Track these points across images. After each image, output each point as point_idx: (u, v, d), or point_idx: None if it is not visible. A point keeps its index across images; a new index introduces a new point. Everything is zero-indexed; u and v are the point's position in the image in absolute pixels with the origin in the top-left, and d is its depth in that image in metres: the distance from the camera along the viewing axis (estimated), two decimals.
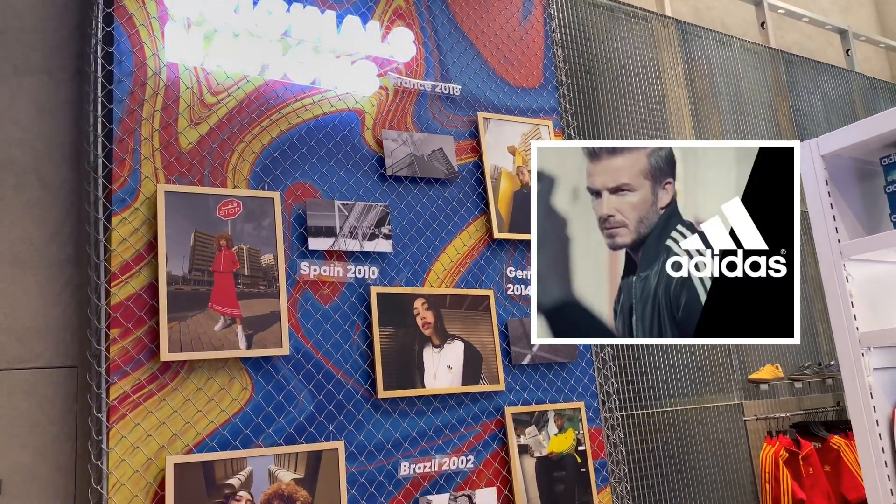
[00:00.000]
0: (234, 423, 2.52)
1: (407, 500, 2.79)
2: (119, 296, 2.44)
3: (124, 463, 2.32)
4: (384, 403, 2.84)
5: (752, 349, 4.31)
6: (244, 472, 2.46)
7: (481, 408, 3.06)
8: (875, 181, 3.03)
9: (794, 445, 3.98)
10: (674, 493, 3.67)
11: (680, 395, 3.86)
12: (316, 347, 2.75)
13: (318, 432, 2.67)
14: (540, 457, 3.13)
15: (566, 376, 3.32)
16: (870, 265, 2.90)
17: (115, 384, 2.36)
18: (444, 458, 2.91)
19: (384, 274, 2.98)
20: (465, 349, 3.06)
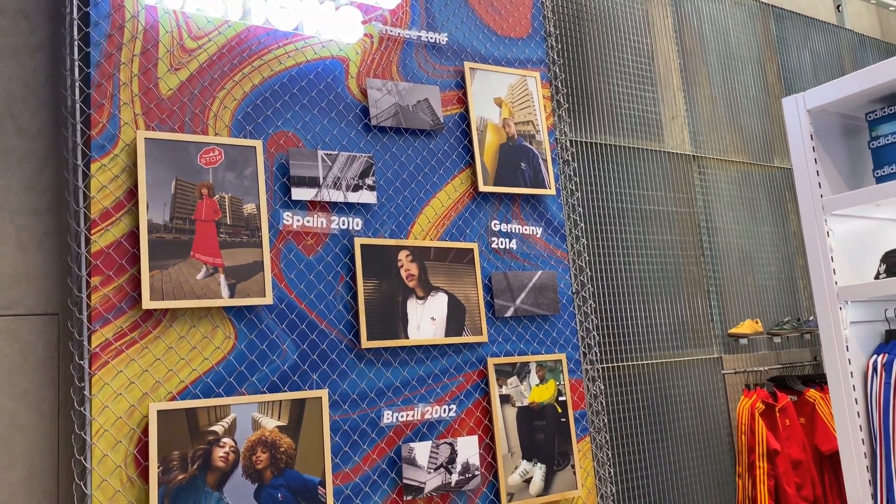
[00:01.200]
0: (218, 371, 2.54)
1: (390, 447, 2.83)
2: (100, 243, 2.42)
3: (107, 410, 2.33)
4: (368, 353, 2.86)
5: (734, 305, 4.37)
6: (228, 420, 2.48)
7: (464, 359, 3.09)
8: (860, 137, 3.04)
9: (770, 398, 4.07)
10: (652, 444, 3.75)
11: (660, 349, 3.92)
12: (299, 298, 2.75)
13: (301, 381, 2.69)
14: (521, 406, 3.17)
15: (548, 329, 3.35)
16: (851, 221, 2.92)
17: (96, 332, 2.36)
18: (427, 406, 2.95)
19: (368, 225, 2.97)
20: (448, 301, 3.08)
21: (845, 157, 2.98)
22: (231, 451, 2.46)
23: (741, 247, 4.53)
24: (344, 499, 2.68)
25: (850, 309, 2.75)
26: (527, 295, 3.31)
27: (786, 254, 4.77)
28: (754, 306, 4.48)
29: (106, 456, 2.29)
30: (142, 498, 2.32)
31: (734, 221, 4.54)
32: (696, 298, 4.16)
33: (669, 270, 4.10)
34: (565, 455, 3.22)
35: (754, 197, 4.70)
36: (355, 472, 2.73)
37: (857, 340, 2.74)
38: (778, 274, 4.69)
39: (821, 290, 2.78)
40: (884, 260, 2.70)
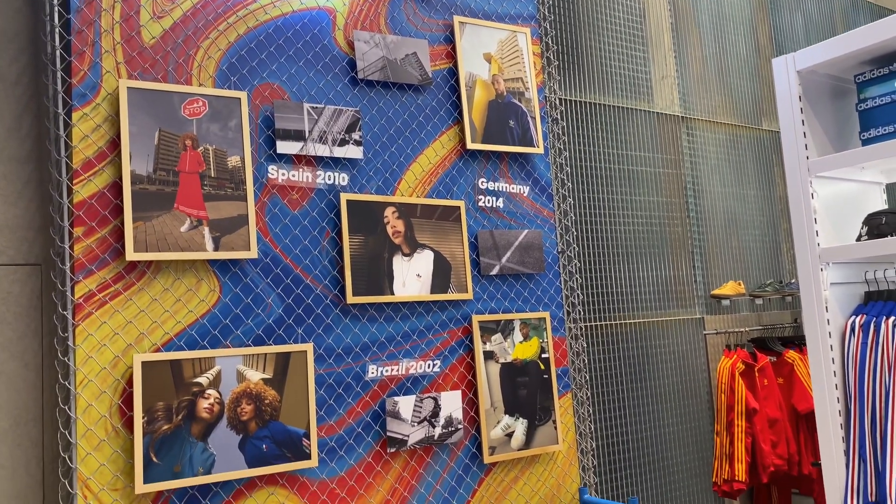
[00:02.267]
0: (202, 323, 2.54)
1: (374, 400, 2.86)
2: (82, 194, 2.39)
3: (91, 360, 2.33)
4: (353, 309, 2.87)
5: (717, 266, 4.41)
6: (212, 372, 2.49)
7: (449, 315, 3.11)
8: (848, 100, 3.03)
9: (750, 358, 4.13)
10: (633, 401, 3.81)
11: (644, 309, 3.96)
12: (284, 252, 2.74)
13: (286, 335, 2.70)
14: (504, 363, 3.21)
15: (533, 287, 3.37)
16: (835, 183, 2.94)
17: (80, 282, 2.35)
18: (412, 362, 2.98)
19: (354, 181, 2.95)
20: (434, 259, 3.08)
21: (833, 119, 2.98)
22: (216, 403, 2.48)
23: (727, 209, 4.55)
24: (328, 451, 2.72)
25: (830, 270, 2.78)
26: (512, 253, 3.32)
27: (771, 217, 4.80)
28: (737, 268, 4.53)
29: (90, 406, 2.31)
30: (126, 447, 2.34)
31: (720, 184, 4.55)
32: (680, 259, 4.19)
33: (654, 231, 4.12)
34: (547, 410, 3.27)
35: (741, 159, 4.71)
36: (340, 425, 2.76)
37: (837, 301, 2.78)
38: (762, 237, 4.72)
39: (803, 251, 2.81)
40: (866, 222, 2.73)
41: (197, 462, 2.41)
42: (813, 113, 2.92)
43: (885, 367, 2.57)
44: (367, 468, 2.79)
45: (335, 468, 2.73)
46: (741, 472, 3.85)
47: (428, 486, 2.93)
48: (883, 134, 2.72)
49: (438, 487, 2.95)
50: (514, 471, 3.17)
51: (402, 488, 2.87)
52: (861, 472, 2.60)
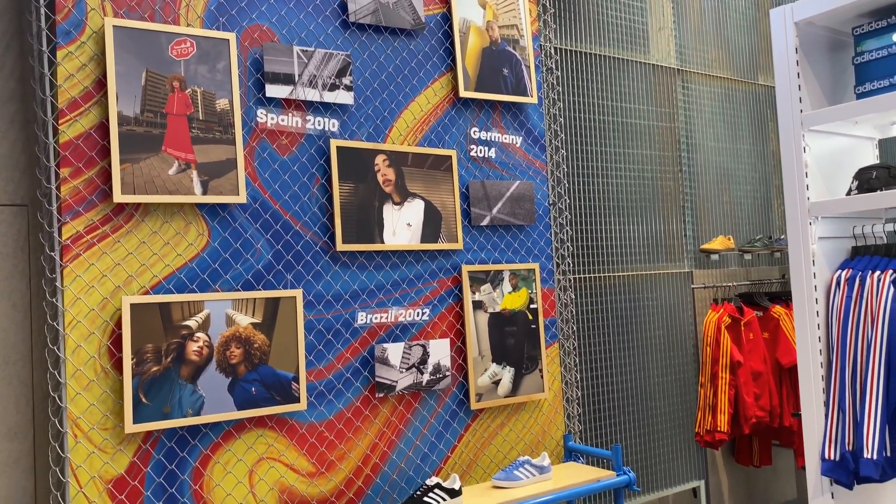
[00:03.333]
0: (191, 267, 2.54)
1: (363, 347, 2.88)
2: (68, 134, 2.36)
3: (80, 302, 2.33)
4: (343, 256, 2.87)
5: (708, 221, 4.42)
6: (201, 315, 2.50)
7: (439, 265, 3.11)
8: (844, 54, 3.00)
9: (737, 312, 4.17)
10: (619, 352, 3.86)
11: (633, 262, 3.97)
12: (273, 198, 2.73)
13: (275, 281, 2.70)
14: (493, 312, 3.23)
15: (523, 239, 3.38)
16: (828, 138, 2.93)
17: (67, 224, 2.34)
18: (401, 310, 2.99)
19: (345, 127, 2.92)
20: (425, 208, 3.08)
21: (829, 74, 2.96)
22: (205, 346, 2.49)
23: (719, 164, 4.54)
24: (317, 395, 2.75)
25: (819, 224, 2.79)
26: (503, 204, 3.31)
27: (763, 173, 4.79)
28: (728, 223, 4.54)
29: (79, 347, 2.32)
30: (116, 388, 2.36)
31: (714, 138, 4.53)
32: (670, 213, 4.20)
33: (646, 185, 4.11)
34: (534, 359, 3.31)
35: (736, 114, 4.68)
36: (329, 370, 2.79)
37: (824, 255, 2.80)
38: (753, 192, 4.73)
39: (793, 205, 2.81)
40: (856, 177, 2.73)
41: (186, 403, 2.44)
42: (809, 66, 2.89)
43: (867, 320, 2.61)
44: (355, 412, 2.83)
45: (324, 412, 2.76)
46: (723, 423, 3.92)
47: (415, 431, 2.98)
48: (878, 88, 2.70)
49: (426, 432, 3.00)
50: (501, 417, 3.22)
51: (389, 432, 2.91)
52: (839, 422, 2.65)
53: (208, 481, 2.50)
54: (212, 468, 2.51)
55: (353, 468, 2.81)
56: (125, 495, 2.35)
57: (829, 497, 2.74)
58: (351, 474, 2.80)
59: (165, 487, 2.42)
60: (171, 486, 2.43)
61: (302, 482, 2.69)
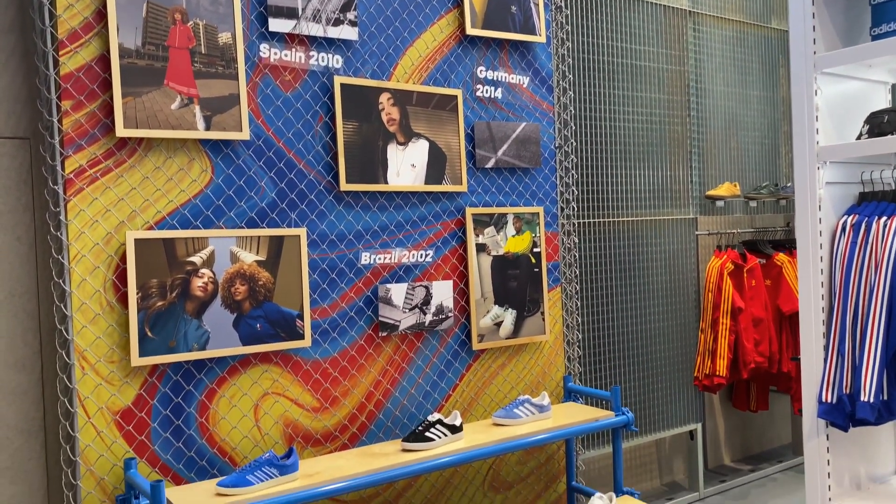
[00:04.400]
0: (195, 204, 2.53)
1: (367, 287, 2.89)
2: (69, 66, 2.33)
3: (84, 236, 2.34)
4: (346, 196, 2.86)
5: (714, 167, 4.38)
6: (206, 252, 2.51)
7: (443, 207, 3.10)
8: None
9: (740, 259, 4.18)
10: (621, 297, 3.88)
11: (638, 207, 3.96)
12: (277, 135, 2.70)
13: (279, 219, 2.70)
14: (496, 255, 3.23)
15: (528, 182, 3.36)
16: (841, 81, 2.87)
17: (69, 157, 2.32)
18: (404, 251, 3.00)
19: (349, 64, 2.87)
20: (429, 149, 3.05)
21: (844, 16, 2.89)
22: (209, 282, 2.50)
23: (728, 109, 4.48)
24: (321, 332, 2.78)
25: (827, 169, 2.77)
26: (509, 147, 3.28)
27: (772, 119, 4.73)
28: (734, 170, 4.50)
29: (84, 280, 2.33)
30: (121, 322, 2.38)
31: (724, 83, 4.46)
32: (677, 159, 4.16)
33: (654, 129, 4.06)
34: (536, 302, 3.33)
35: (747, 59, 4.59)
36: (333, 309, 2.81)
37: (831, 201, 2.78)
38: (762, 139, 4.68)
39: (801, 148, 2.78)
40: (868, 121, 2.69)
41: (191, 338, 2.46)
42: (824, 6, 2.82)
43: (871, 265, 2.60)
44: (359, 350, 2.86)
45: (328, 349, 2.79)
46: (722, 368, 3.97)
47: (418, 370, 3.01)
48: (894, 29, 2.64)
49: (428, 371, 3.04)
50: (502, 358, 3.26)
51: (392, 370, 2.95)
52: (838, 366, 2.68)
53: (214, 414, 2.55)
54: (217, 401, 2.55)
55: (356, 404, 2.85)
56: (132, 426, 2.40)
57: (825, 439, 2.78)
58: (354, 410, 2.85)
59: (172, 419, 2.47)
60: (178, 418, 2.48)
61: (306, 416, 2.73)
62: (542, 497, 3.36)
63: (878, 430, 3.02)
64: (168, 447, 2.46)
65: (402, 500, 2.96)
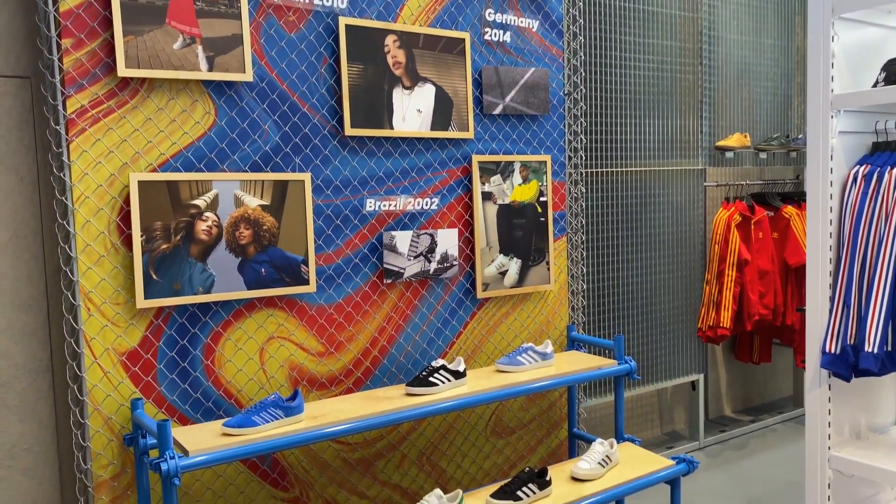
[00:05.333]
0: (198, 146, 2.50)
1: (372, 233, 2.88)
2: (69, 3, 2.28)
3: (87, 177, 2.32)
4: (351, 141, 2.83)
5: (725, 117, 4.31)
6: (210, 195, 2.49)
7: (448, 154, 3.07)
8: None
9: (748, 211, 4.14)
10: (627, 248, 3.86)
11: (646, 157, 3.91)
12: (280, 77, 2.66)
13: (283, 163, 2.67)
14: (502, 204, 3.21)
15: (536, 129, 3.31)
16: (860, 28, 2.80)
17: (71, 97, 2.29)
18: (409, 198, 2.97)
19: (354, 5, 2.81)
20: (436, 93, 3.00)
21: None
22: (214, 226, 2.49)
23: (741, 58, 4.38)
24: (326, 278, 2.78)
25: (841, 118, 2.71)
26: (517, 93, 3.23)
27: (785, 69, 4.64)
28: (745, 120, 4.43)
29: (89, 222, 2.32)
30: (126, 264, 2.38)
31: (737, 31, 4.35)
32: (687, 108, 4.09)
33: (665, 77, 3.99)
34: (541, 252, 3.32)
35: (762, 6, 4.48)
36: (337, 255, 2.80)
37: (843, 150, 2.74)
38: (774, 89, 4.59)
39: (815, 96, 2.72)
40: (885, 68, 2.62)
41: (196, 281, 2.46)
42: None
43: (882, 216, 2.57)
44: (363, 296, 2.87)
45: (333, 295, 2.80)
46: (726, 320, 3.97)
47: (422, 317, 3.02)
48: None
49: (432, 318, 3.05)
50: (506, 307, 3.26)
51: (397, 317, 2.96)
52: (843, 317, 2.67)
53: (220, 357, 2.56)
54: (223, 345, 2.57)
55: (361, 349, 2.87)
56: (139, 367, 2.42)
57: (826, 389, 2.79)
58: (359, 355, 2.87)
59: (178, 361, 2.49)
60: (184, 360, 2.50)
61: (311, 361, 2.75)
62: (544, 443, 3.41)
63: (880, 381, 3.04)
64: (174, 388, 2.49)
65: (405, 443, 3.01)
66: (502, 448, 3.28)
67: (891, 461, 2.71)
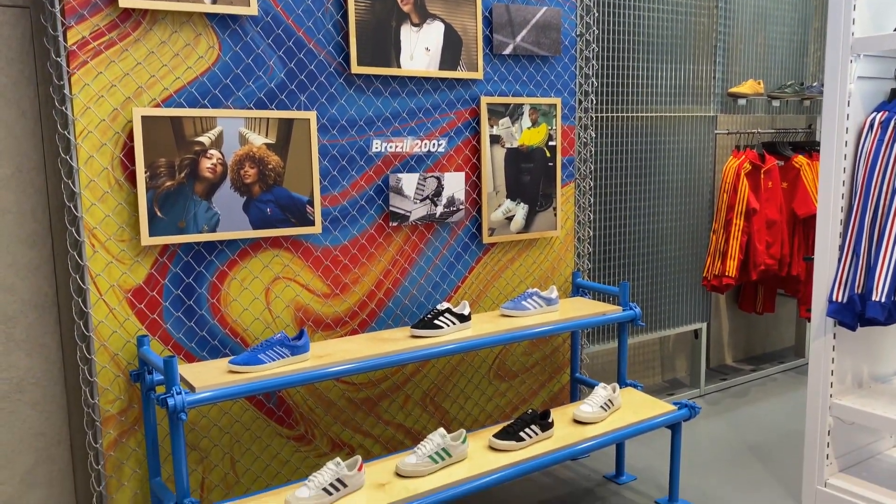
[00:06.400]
0: (202, 81, 2.45)
1: (378, 175, 2.85)
2: None
3: (90, 111, 2.28)
4: (357, 79, 2.77)
5: (739, 63, 4.22)
6: (214, 132, 2.45)
7: (457, 95, 3.01)
8: None
9: (758, 160, 4.09)
10: (634, 194, 3.82)
11: (657, 103, 3.84)
12: (286, 12, 2.59)
13: (289, 101, 2.62)
14: (510, 148, 3.16)
15: (547, 71, 3.24)
16: None
17: (72, 28, 2.23)
18: (416, 140, 2.93)
19: None
20: (445, 31, 2.92)
21: None
22: (218, 164, 2.46)
23: (757, 2, 4.26)
24: (332, 220, 2.75)
25: (860, 63, 2.65)
26: (528, 32, 3.15)
27: (803, 14, 4.51)
28: (759, 67, 4.34)
29: (92, 157, 2.29)
30: (130, 201, 2.36)
31: None
32: (701, 53, 4.00)
33: (679, 20, 3.88)
34: (548, 197, 3.28)
35: None
36: (343, 196, 2.77)
37: (861, 96, 2.68)
38: (790, 35, 4.48)
39: (835, 39, 2.65)
40: None
41: (201, 220, 2.44)
42: None
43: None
44: (369, 239, 2.85)
45: (338, 236, 2.78)
46: (732, 269, 3.96)
47: (427, 260, 3.01)
48: None
49: (438, 262, 3.04)
50: (512, 252, 3.25)
51: (402, 260, 2.95)
52: (852, 265, 2.65)
53: (225, 296, 2.56)
54: (229, 284, 2.56)
55: (366, 292, 2.87)
56: (144, 305, 2.42)
57: (831, 338, 2.79)
58: (364, 297, 2.86)
59: (183, 299, 2.49)
60: (189, 298, 2.50)
61: (317, 302, 2.75)
62: (546, 387, 3.44)
63: (884, 332, 3.04)
64: (180, 326, 2.49)
65: (409, 384, 3.03)
66: (505, 391, 3.31)
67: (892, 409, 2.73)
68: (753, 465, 3.37)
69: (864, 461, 3.04)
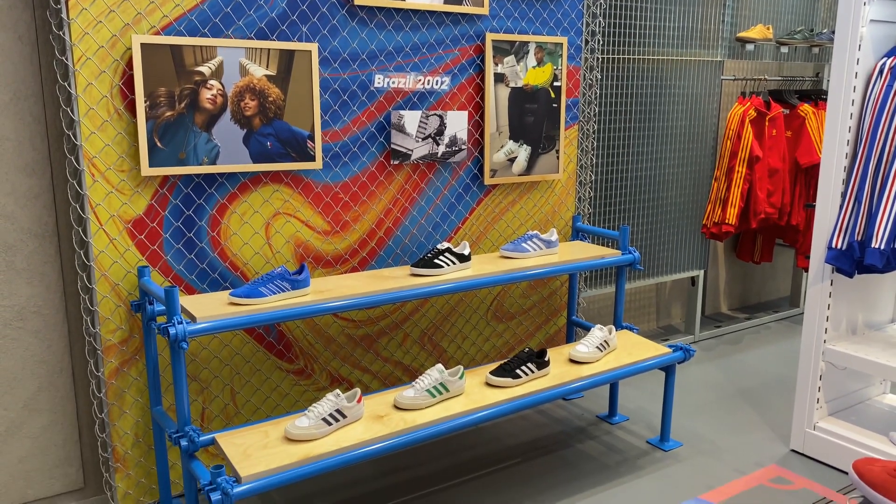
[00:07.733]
0: (203, 10, 2.40)
1: (380, 112, 2.82)
2: None
3: (88, 37, 2.23)
4: (360, 11, 2.71)
5: (748, 7, 4.13)
6: (214, 62, 2.41)
7: (462, 31, 2.95)
8: None
9: (763, 107, 4.05)
10: (638, 139, 3.79)
11: (664, 45, 3.77)
12: None
13: (290, 32, 2.57)
14: (514, 87, 3.12)
15: (554, 9, 3.17)
16: None
17: None
18: (419, 76, 2.89)
19: None
20: None
21: None
22: (219, 95, 2.43)
23: None
24: (332, 156, 2.73)
25: (874, 4, 2.59)
26: None
27: None
28: (769, 12, 4.25)
29: (91, 84, 2.25)
30: (130, 130, 2.33)
31: None
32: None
33: None
34: (551, 139, 3.25)
35: None
36: (344, 132, 2.75)
37: (872, 40, 2.63)
38: None
39: None
40: None
41: (202, 151, 2.42)
42: None
43: None
44: (370, 177, 2.83)
45: (339, 173, 2.76)
46: (732, 216, 3.96)
47: (429, 200, 3.00)
48: None
49: (439, 202, 3.03)
50: (513, 194, 3.23)
51: (403, 199, 2.94)
52: (853, 212, 2.65)
53: (226, 229, 2.56)
54: (229, 217, 2.55)
55: (366, 230, 2.86)
56: (144, 236, 2.41)
57: (828, 284, 2.81)
58: (364, 235, 2.86)
59: (184, 231, 2.48)
60: (190, 230, 2.49)
61: (317, 238, 2.75)
62: (543, 329, 3.47)
63: (880, 280, 3.05)
64: (180, 258, 2.49)
65: (408, 323, 3.05)
66: (502, 332, 3.34)
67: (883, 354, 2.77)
68: (744, 408, 3.43)
69: (853, 406, 3.10)
